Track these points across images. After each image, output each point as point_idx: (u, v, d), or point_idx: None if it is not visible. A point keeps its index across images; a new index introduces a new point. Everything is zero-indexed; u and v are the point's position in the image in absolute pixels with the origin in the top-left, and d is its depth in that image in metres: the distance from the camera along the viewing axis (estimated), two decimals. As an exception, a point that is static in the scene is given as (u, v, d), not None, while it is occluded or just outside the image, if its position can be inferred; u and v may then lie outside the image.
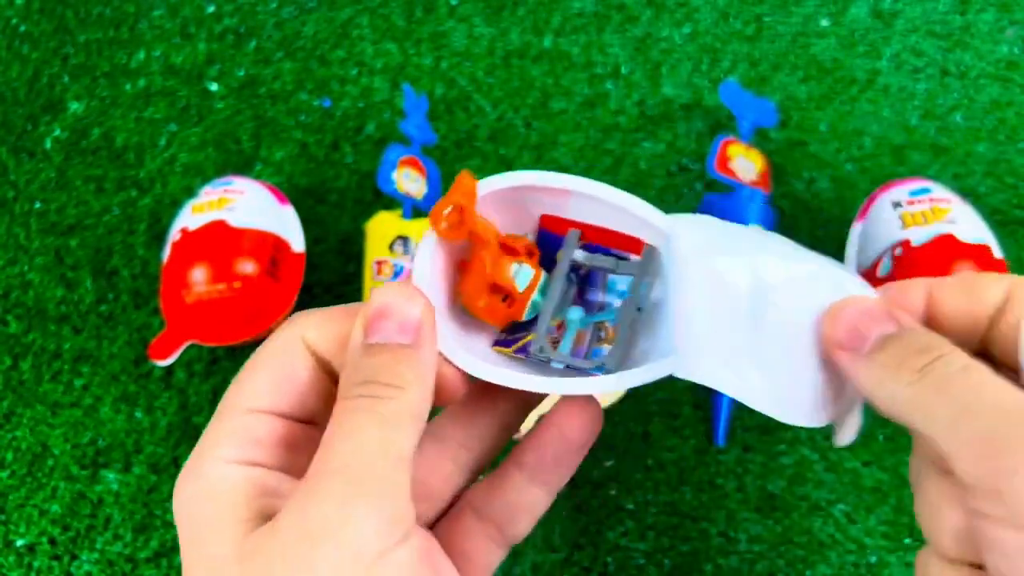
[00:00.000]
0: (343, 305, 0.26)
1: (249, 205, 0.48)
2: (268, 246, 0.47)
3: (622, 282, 0.30)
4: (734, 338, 0.27)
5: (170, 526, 0.46)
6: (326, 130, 0.57)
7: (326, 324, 0.25)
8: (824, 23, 0.58)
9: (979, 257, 0.43)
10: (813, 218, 0.52)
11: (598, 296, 0.30)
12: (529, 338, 0.29)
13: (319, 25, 0.60)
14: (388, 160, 0.50)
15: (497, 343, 0.30)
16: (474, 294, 0.29)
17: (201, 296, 0.46)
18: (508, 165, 0.55)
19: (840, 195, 0.52)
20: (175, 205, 0.55)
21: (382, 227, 0.49)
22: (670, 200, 0.53)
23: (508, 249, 0.29)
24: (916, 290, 0.26)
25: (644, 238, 0.29)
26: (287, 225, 0.49)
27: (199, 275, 0.46)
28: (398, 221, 0.49)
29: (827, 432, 0.40)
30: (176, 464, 0.48)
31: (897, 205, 0.45)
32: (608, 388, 0.28)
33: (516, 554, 0.27)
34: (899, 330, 0.24)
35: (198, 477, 0.23)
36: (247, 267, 0.46)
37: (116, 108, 0.58)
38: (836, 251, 0.50)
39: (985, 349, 0.25)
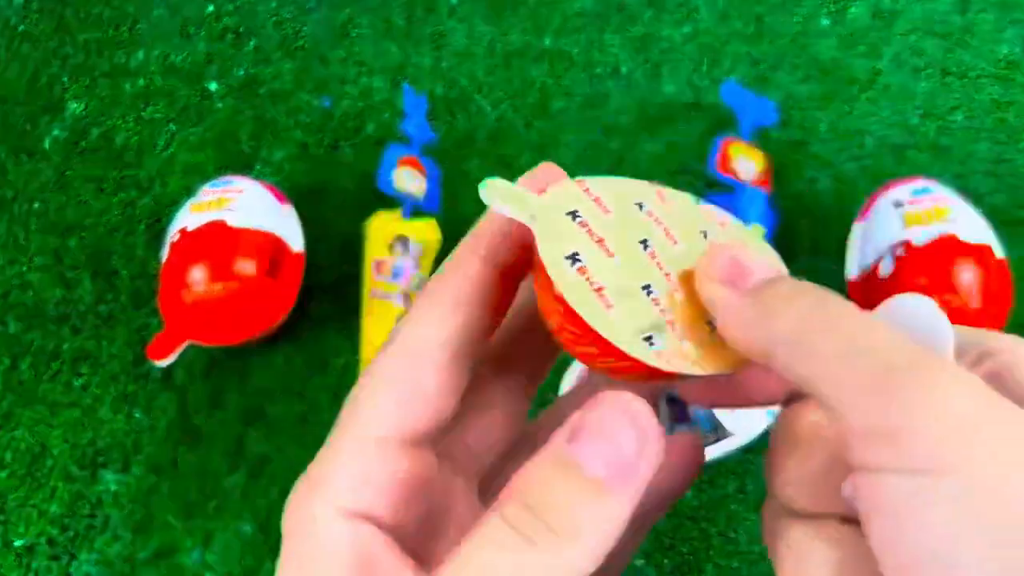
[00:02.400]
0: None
1: (248, 205, 0.48)
2: (267, 246, 0.47)
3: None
4: None
5: (169, 527, 0.46)
6: (326, 130, 0.57)
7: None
8: (824, 23, 0.58)
9: (980, 257, 0.43)
10: (814, 218, 0.51)
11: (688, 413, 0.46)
12: None
13: (319, 25, 0.60)
14: (388, 160, 0.50)
15: None
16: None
17: (200, 296, 0.46)
18: (508, 165, 0.54)
19: (841, 194, 0.52)
20: (175, 205, 0.55)
21: (382, 227, 0.49)
22: (670, 200, 0.53)
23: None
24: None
25: None
26: (286, 225, 0.49)
27: (198, 275, 0.46)
28: (398, 221, 0.49)
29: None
30: (175, 465, 0.48)
31: (898, 205, 0.45)
32: (735, 445, 0.45)
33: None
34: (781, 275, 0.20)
35: (310, 521, 0.19)
36: (246, 267, 0.46)
37: (115, 108, 0.58)
38: (837, 251, 0.50)
39: None
